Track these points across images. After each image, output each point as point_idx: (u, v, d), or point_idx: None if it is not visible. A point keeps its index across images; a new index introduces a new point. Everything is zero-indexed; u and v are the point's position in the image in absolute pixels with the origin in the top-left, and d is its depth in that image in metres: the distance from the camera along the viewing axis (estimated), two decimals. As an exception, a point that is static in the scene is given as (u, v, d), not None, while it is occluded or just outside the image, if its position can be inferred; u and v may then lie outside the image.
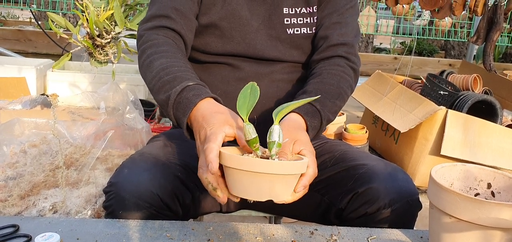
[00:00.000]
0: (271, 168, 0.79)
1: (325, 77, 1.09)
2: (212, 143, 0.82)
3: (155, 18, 1.11)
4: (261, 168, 0.79)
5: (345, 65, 1.13)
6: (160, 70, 1.00)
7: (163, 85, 0.98)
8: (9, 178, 1.39)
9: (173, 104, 0.95)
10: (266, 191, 0.81)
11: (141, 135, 1.73)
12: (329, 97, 1.05)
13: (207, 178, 0.85)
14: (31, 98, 2.21)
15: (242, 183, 0.81)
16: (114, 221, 0.91)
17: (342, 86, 1.10)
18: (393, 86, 2.67)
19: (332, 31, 1.15)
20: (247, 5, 1.15)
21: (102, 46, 1.99)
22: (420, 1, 2.76)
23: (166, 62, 1.01)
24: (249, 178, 0.80)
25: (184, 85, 0.95)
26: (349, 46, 1.15)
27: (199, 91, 0.94)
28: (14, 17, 7.24)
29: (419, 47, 6.96)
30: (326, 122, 1.04)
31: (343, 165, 1.07)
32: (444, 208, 0.80)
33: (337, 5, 1.17)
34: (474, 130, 2.29)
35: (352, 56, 1.15)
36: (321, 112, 1.01)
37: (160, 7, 1.12)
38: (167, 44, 1.07)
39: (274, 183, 0.81)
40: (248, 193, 0.82)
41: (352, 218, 1.02)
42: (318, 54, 1.15)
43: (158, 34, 1.09)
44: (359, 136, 2.58)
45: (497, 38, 2.74)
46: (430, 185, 0.85)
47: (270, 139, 0.83)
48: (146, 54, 1.06)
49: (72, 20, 5.37)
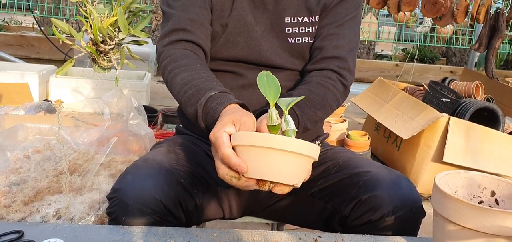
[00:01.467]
0: (287, 144, 0.78)
1: (313, 86, 1.10)
2: (223, 147, 0.83)
3: (172, 33, 1.12)
4: (277, 144, 0.78)
5: (336, 79, 1.13)
6: (183, 85, 1.02)
7: (188, 99, 1.00)
8: (13, 184, 1.39)
9: (202, 117, 0.97)
10: (279, 170, 0.80)
11: (144, 141, 1.74)
12: (311, 106, 1.05)
13: (229, 174, 0.84)
14: (35, 104, 2.21)
15: (257, 162, 0.80)
16: (117, 228, 0.91)
17: (328, 98, 1.09)
18: (395, 93, 2.68)
19: (327, 43, 1.15)
20: (251, 12, 1.16)
21: (106, 53, 1.99)
22: (422, 9, 2.77)
23: (187, 76, 1.03)
24: (263, 155, 0.79)
25: (207, 96, 0.97)
26: (342, 60, 1.14)
27: (222, 99, 0.96)
28: (17, 23, 7.28)
29: (421, 54, 6.97)
30: (303, 129, 1.04)
31: (347, 172, 1.07)
32: (448, 215, 0.80)
33: (337, 16, 1.17)
34: (476, 137, 2.29)
35: (344, 71, 1.14)
36: (299, 118, 1.02)
37: (175, 21, 1.12)
38: (186, 57, 1.08)
39: (289, 162, 0.80)
40: (262, 172, 0.81)
41: (355, 225, 1.02)
42: (311, 64, 1.16)
43: (176, 48, 1.10)
44: (361, 143, 2.58)
45: (499, 46, 2.74)
46: (434, 193, 0.85)
47: (285, 127, 0.83)
48: (168, 70, 1.07)
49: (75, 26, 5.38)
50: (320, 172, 1.11)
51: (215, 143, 0.86)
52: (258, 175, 0.82)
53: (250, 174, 0.82)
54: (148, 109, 2.67)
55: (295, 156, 0.80)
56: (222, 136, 0.85)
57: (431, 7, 2.73)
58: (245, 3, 1.15)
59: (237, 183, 0.84)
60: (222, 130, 0.86)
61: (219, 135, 0.85)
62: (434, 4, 2.71)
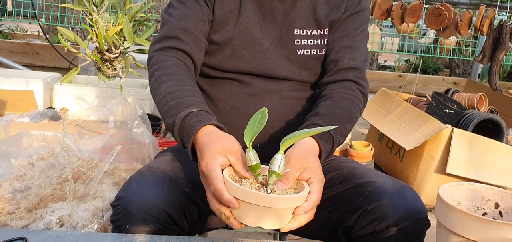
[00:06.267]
0: (261, 200, 0.81)
1: (336, 101, 1.11)
2: (216, 181, 0.85)
3: (165, 40, 1.13)
4: (252, 199, 0.81)
5: (355, 89, 1.15)
6: (167, 94, 1.02)
7: (169, 109, 1.00)
8: (17, 191, 1.40)
9: (179, 130, 0.98)
10: (260, 219, 0.83)
11: (148, 149, 1.74)
12: (341, 121, 1.07)
13: (219, 209, 0.87)
14: (40, 111, 2.23)
15: (241, 210, 0.84)
16: (121, 236, 0.91)
17: (353, 110, 1.11)
18: (399, 104, 2.68)
19: (342, 55, 1.16)
20: (259, 24, 1.17)
21: (111, 61, 2.01)
22: (426, 20, 2.78)
23: (173, 85, 1.04)
24: (245, 206, 0.82)
25: (188, 112, 0.97)
26: (358, 70, 1.17)
27: (201, 118, 0.97)
28: (23, 31, 7.33)
29: (424, 65, 6.97)
30: (337, 145, 1.06)
31: (351, 182, 1.07)
32: (452, 227, 0.80)
33: (348, 29, 1.19)
34: (480, 148, 2.29)
35: (362, 80, 1.17)
36: (333, 137, 1.04)
37: (169, 28, 1.14)
38: (175, 66, 1.08)
39: (267, 213, 0.82)
40: (248, 220, 0.85)
41: (360, 235, 1.01)
42: (328, 77, 1.17)
43: (166, 55, 1.10)
44: (365, 153, 2.58)
45: (502, 58, 2.75)
46: (437, 204, 0.85)
47: (271, 167, 0.85)
48: (155, 76, 1.08)
49: (80, 34, 5.42)
50: (325, 182, 1.11)
51: (208, 176, 0.87)
52: (245, 221, 0.85)
53: (239, 219, 0.86)
54: (152, 117, 2.67)
55: (283, 209, 0.83)
56: (216, 169, 0.87)
57: (435, 18, 2.74)
58: (252, 16, 1.16)
59: (226, 222, 0.87)
60: (215, 161, 0.87)
61: (212, 167, 0.87)
62: (438, 16, 2.72)
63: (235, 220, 0.86)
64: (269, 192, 0.84)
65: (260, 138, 1.06)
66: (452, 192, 0.91)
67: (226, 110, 1.16)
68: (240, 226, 0.88)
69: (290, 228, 0.88)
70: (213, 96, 1.19)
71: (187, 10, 1.15)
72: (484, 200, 0.91)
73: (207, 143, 0.92)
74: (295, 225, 0.88)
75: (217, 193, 0.85)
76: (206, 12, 1.15)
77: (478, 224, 0.77)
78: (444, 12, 2.70)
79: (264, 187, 0.86)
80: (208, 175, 0.87)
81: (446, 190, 0.89)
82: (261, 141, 1.11)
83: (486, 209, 0.91)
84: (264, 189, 0.85)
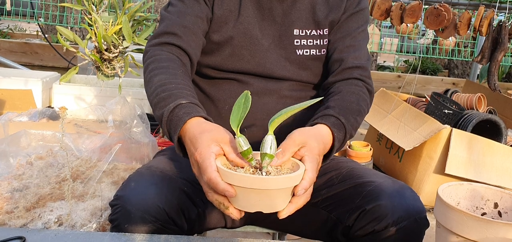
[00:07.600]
0: (256, 183, 0.80)
1: (345, 95, 1.10)
2: (209, 170, 0.84)
3: (162, 35, 1.13)
4: (248, 184, 0.80)
5: (362, 86, 1.15)
6: (158, 87, 1.01)
7: (159, 101, 0.99)
8: (15, 190, 1.39)
9: (166, 122, 0.96)
10: (258, 204, 0.82)
11: (147, 149, 1.74)
12: (351, 113, 1.06)
13: (217, 199, 0.87)
14: (38, 110, 2.22)
15: (238, 197, 0.83)
16: (119, 235, 0.91)
17: (361, 104, 1.11)
18: (398, 104, 2.68)
19: (346, 54, 1.17)
20: (258, 24, 1.17)
21: (110, 60, 2.00)
22: (425, 21, 2.79)
23: (165, 78, 1.02)
24: (242, 192, 0.81)
25: (177, 103, 0.96)
26: (363, 69, 1.17)
27: (189, 110, 0.95)
28: (21, 30, 7.32)
29: (423, 66, 6.98)
30: (349, 136, 1.05)
31: (351, 182, 1.07)
32: (451, 227, 0.80)
33: (350, 29, 1.20)
34: (479, 149, 2.29)
35: (367, 79, 1.17)
36: (345, 126, 1.03)
37: (168, 24, 1.13)
38: (169, 60, 1.08)
39: (264, 196, 0.81)
40: (246, 206, 0.83)
41: (359, 235, 1.02)
42: (334, 76, 1.17)
43: (162, 50, 1.10)
44: (364, 153, 2.58)
45: (501, 58, 2.75)
46: (437, 204, 0.85)
47: (262, 150, 0.84)
48: (149, 69, 1.08)
49: (79, 34, 5.42)
50: (324, 182, 1.11)
51: (202, 165, 0.86)
52: (244, 207, 0.84)
53: (238, 207, 0.85)
54: (151, 117, 2.67)
55: (280, 190, 0.82)
56: (210, 157, 0.85)
57: (434, 19, 2.74)
58: (251, 16, 1.16)
59: (225, 212, 0.87)
60: (208, 149, 0.86)
61: (207, 156, 0.85)
62: (437, 16, 2.72)
63: (234, 208, 0.85)
64: (264, 175, 0.83)
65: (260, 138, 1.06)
66: (451, 192, 0.91)
67: (226, 110, 1.16)
68: (239, 215, 0.86)
69: (288, 212, 0.87)
70: (212, 96, 1.19)
71: (185, 7, 1.15)
72: (483, 200, 0.92)
73: (200, 133, 0.90)
74: (292, 208, 0.87)
75: (212, 183, 0.83)
76: (205, 11, 1.15)
77: (477, 224, 0.77)
78: (443, 12, 2.70)
79: (259, 170, 0.85)
80: (202, 164, 0.86)
81: (446, 190, 0.89)
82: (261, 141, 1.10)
83: (485, 209, 0.91)
84: (259, 173, 0.84)
